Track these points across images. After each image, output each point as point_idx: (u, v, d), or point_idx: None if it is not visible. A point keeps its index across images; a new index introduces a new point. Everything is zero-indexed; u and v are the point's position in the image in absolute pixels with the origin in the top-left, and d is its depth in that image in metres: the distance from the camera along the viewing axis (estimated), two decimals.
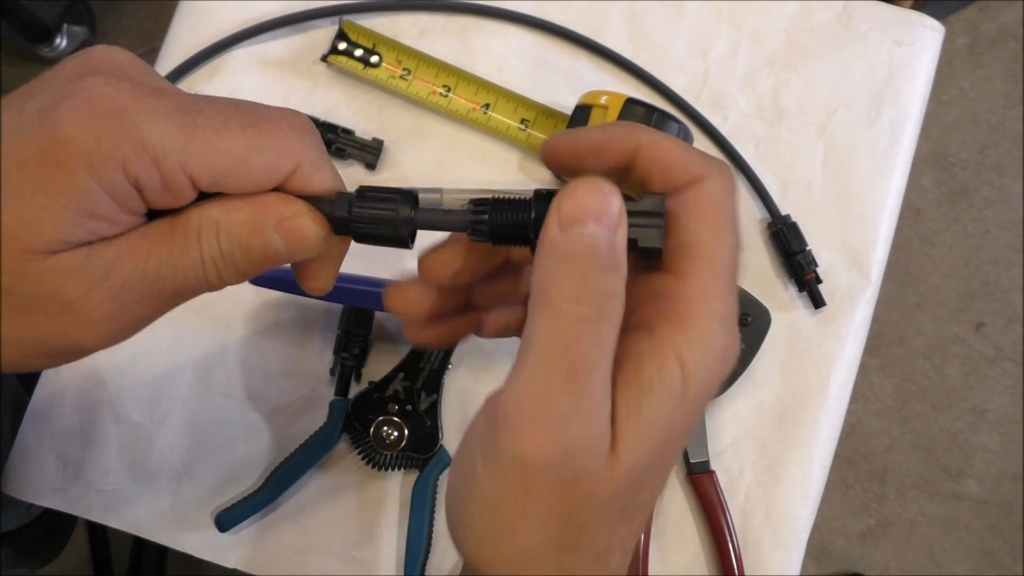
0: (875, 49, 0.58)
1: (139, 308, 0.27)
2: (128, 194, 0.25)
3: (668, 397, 0.25)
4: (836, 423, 0.55)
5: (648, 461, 0.25)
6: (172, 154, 0.25)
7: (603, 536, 0.26)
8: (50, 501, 0.52)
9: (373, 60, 0.55)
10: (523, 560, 0.26)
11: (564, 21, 0.57)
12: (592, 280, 0.24)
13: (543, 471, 0.24)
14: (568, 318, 0.24)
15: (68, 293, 0.25)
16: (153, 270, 0.26)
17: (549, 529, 0.25)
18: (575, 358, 0.24)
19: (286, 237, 0.28)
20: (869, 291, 0.55)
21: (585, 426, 0.24)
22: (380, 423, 0.51)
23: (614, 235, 0.25)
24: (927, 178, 1.45)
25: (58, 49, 1.31)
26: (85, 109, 0.24)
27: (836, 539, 1.37)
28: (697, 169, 0.27)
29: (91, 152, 0.24)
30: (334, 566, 0.52)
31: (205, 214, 0.27)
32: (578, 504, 0.25)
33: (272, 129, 0.27)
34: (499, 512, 0.26)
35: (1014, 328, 1.42)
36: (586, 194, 0.25)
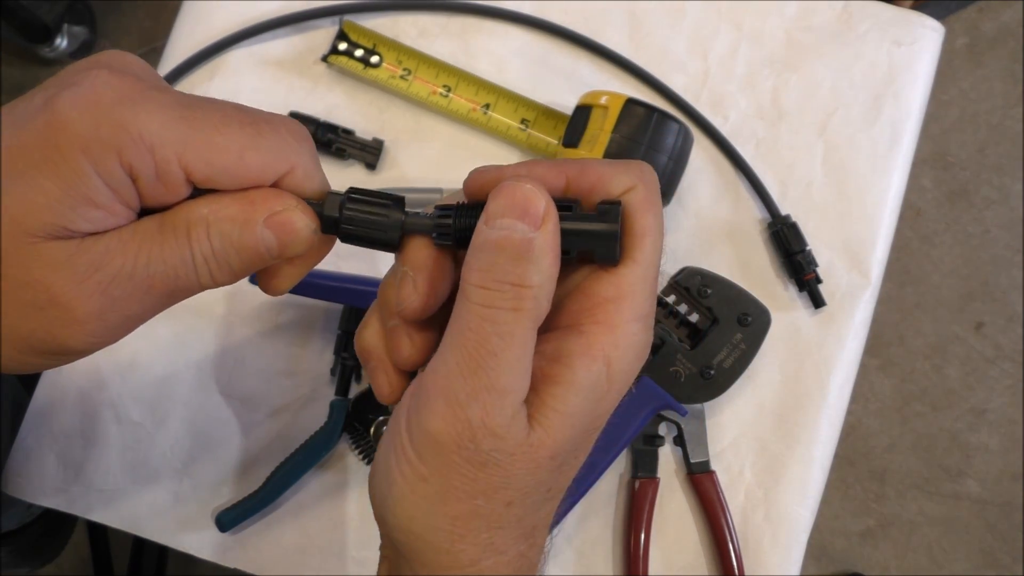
0: (875, 49, 0.58)
1: (128, 306, 0.27)
2: (123, 182, 0.26)
3: (592, 394, 0.27)
4: (836, 423, 0.55)
5: (570, 447, 0.28)
6: (169, 145, 0.25)
7: (531, 514, 0.28)
8: (50, 501, 0.52)
9: (373, 60, 0.55)
10: (453, 532, 0.27)
11: (564, 21, 0.57)
12: (499, 269, 0.26)
13: (455, 447, 0.26)
14: (472, 306, 0.26)
15: (55, 285, 0.25)
16: (142, 267, 0.26)
17: (476, 502, 0.27)
18: (475, 344, 0.26)
19: (277, 231, 0.28)
20: (869, 291, 0.55)
21: (488, 408, 0.26)
22: (380, 423, 0.51)
23: (533, 231, 0.26)
24: (927, 178, 1.45)
25: (58, 49, 1.31)
26: (87, 96, 0.25)
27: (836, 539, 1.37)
28: (627, 180, 0.28)
29: (88, 136, 0.24)
30: (334, 566, 0.52)
31: (193, 211, 0.27)
32: (502, 482, 0.27)
33: (271, 131, 0.28)
34: (427, 483, 0.27)
35: (1014, 328, 1.42)
36: (511, 192, 0.27)
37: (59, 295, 0.25)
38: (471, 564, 0.28)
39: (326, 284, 0.49)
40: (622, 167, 0.29)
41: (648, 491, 0.52)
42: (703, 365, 0.51)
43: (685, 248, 0.55)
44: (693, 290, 0.52)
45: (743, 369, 0.51)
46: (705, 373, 0.51)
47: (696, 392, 0.51)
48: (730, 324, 0.51)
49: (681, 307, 0.52)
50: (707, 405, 0.53)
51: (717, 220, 0.56)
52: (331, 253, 0.32)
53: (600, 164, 0.29)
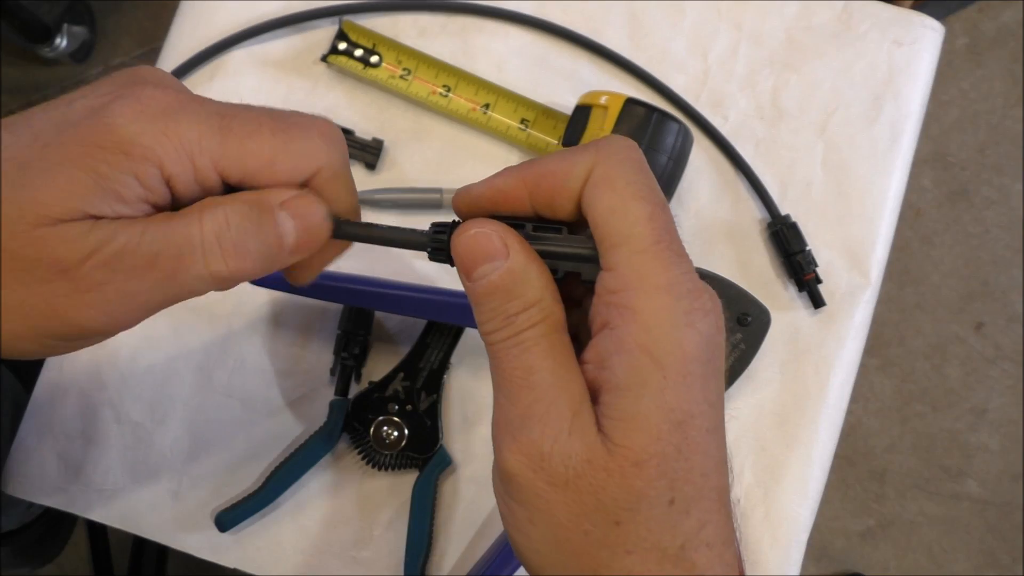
0: (875, 49, 0.58)
1: (128, 281, 0.27)
2: (157, 186, 0.27)
3: (645, 390, 0.26)
4: (836, 423, 0.55)
5: (661, 449, 0.26)
6: (207, 153, 0.28)
7: (661, 532, 0.26)
8: (50, 500, 0.52)
9: (373, 60, 0.55)
10: (583, 565, 0.27)
11: (564, 21, 0.57)
12: (500, 309, 0.28)
13: (532, 475, 0.27)
14: (494, 346, 0.28)
15: (64, 258, 0.26)
16: (147, 243, 0.27)
17: (584, 528, 0.26)
18: (509, 377, 0.27)
19: (295, 214, 0.29)
20: (869, 291, 0.56)
21: (543, 427, 0.26)
22: (380, 423, 0.51)
23: (503, 262, 0.28)
24: (927, 178, 1.45)
25: (58, 49, 1.31)
26: (135, 107, 0.27)
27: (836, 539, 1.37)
28: (581, 169, 0.28)
29: (132, 141, 0.26)
30: (334, 566, 0.52)
31: (209, 199, 0.29)
32: (593, 499, 0.26)
33: (301, 135, 0.29)
34: (535, 524, 0.27)
35: (1014, 328, 1.42)
36: (468, 244, 0.28)
37: (67, 268, 0.26)
38: None
39: (326, 284, 0.49)
40: (576, 155, 0.28)
41: None
42: None
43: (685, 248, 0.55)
44: None
45: (743, 369, 0.51)
46: None
47: None
48: (730, 324, 0.51)
49: None
50: None
51: (717, 220, 0.56)
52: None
53: (553, 160, 0.28)
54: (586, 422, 0.27)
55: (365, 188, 0.54)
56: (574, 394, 0.27)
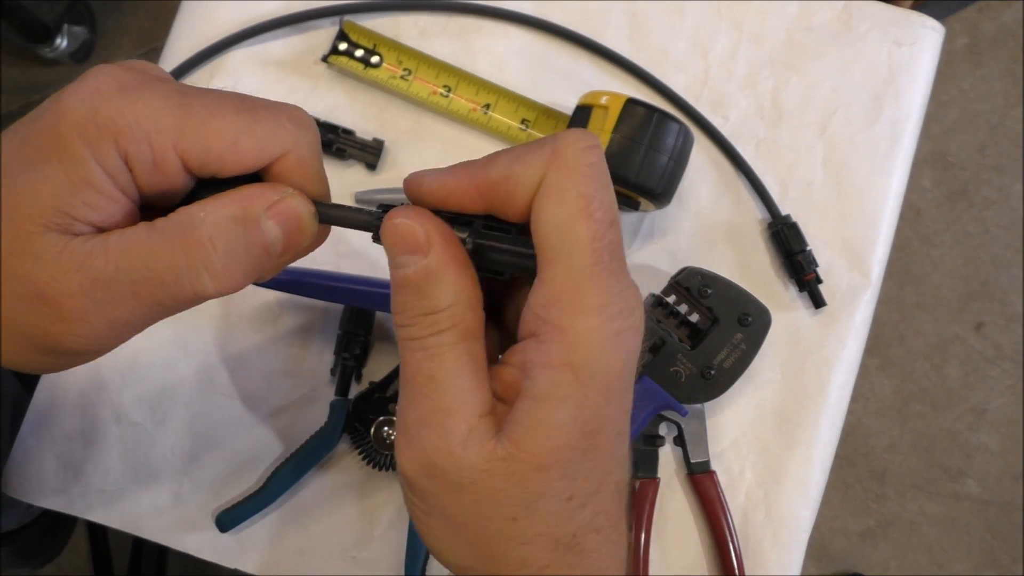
0: (875, 49, 0.58)
1: (111, 311, 0.26)
2: (119, 169, 0.26)
3: (565, 403, 0.26)
4: (836, 423, 0.55)
5: (567, 455, 0.26)
6: (164, 132, 0.26)
7: (557, 525, 0.27)
8: (50, 501, 0.52)
9: (374, 60, 0.55)
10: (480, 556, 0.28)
11: (564, 21, 0.57)
12: (410, 305, 0.27)
13: (426, 478, 0.27)
14: (403, 343, 0.27)
15: (40, 280, 0.26)
16: (124, 272, 0.26)
17: (481, 523, 0.27)
18: (413, 375, 0.27)
19: (281, 220, 0.28)
20: (869, 291, 0.55)
21: (439, 431, 0.26)
22: (381, 423, 0.51)
23: (423, 260, 0.27)
24: (927, 178, 1.45)
25: (58, 49, 1.31)
26: (89, 86, 0.26)
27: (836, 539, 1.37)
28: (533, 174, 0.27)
29: (86, 122, 0.25)
30: (334, 566, 0.52)
31: (186, 213, 0.27)
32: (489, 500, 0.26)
33: (268, 116, 0.28)
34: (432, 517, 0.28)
35: (1014, 328, 1.42)
36: (393, 232, 0.27)
37: (44, 290, 0.26)
38: None
39: (326, 284, 0.49)
40: (528, 156, 0.27)
41: (648, 491, 0.52)
42: (703, 365, 0.51)
43: (685, 248, 0.55)
44: (693, 290, 0.52)
45: (743, 369, 0.51)
46: (705, 373, 0.51)
47: (696, 392, 0.51)
48: (730, 324, 0.51)
49: (681, 307, 0.52)
50: (707, 405, 0.53)
51: (717, 220, 0.56)
52: (331, 253, 0.32)
53: (505, 164, 0.27)
54: (484, 434, 0.26)
55: (366, 188, 0.54)
56: (473, 406, 0.27)
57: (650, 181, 0.49)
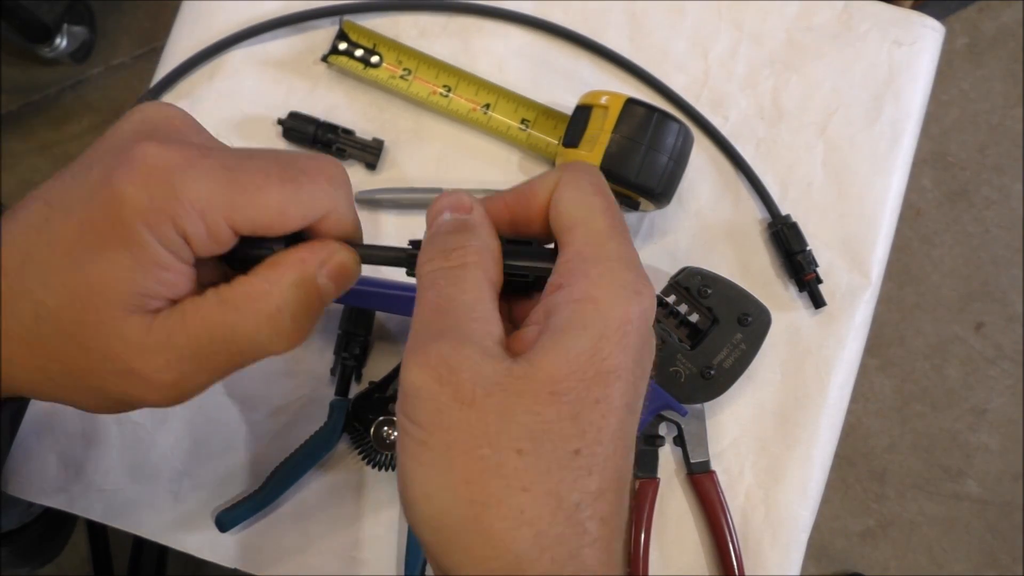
0: (875, 49, 0.58)
1: (198, 376, 0.30)
2: (178, 245, 0.28)
3: (584, 331, 0.26)
4: (836, 423, 0.55)
5: (575, 386, 0.26)
6: (216, 209, 0.28)
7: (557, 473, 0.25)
8: (51, 500, 0.52)
9: (373, 60, 0.55)
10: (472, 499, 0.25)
11: (564, 21, 0.57)
12: (439, 243, 0.30)
13: (436, 386, 0.26)
14: (426, 275, 0.29)
15: (132, 361, 0.28)
16: (205, 344, 0.29)
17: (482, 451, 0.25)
18: (432, 300, 0.28)
19: (334, 276, 0.31)
20: (869, 291, 0.55)
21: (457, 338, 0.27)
22: (381, 423, 0.51)
23: (465, 215, 0.30)
24: (927, 178, 1.45)
25: (58, 49, 1.31)
26: (140, 171, 0.28)
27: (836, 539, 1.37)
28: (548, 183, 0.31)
29: (145, 209, 0.27)
30: (334, 566, 0.52)
31: (253, 287, 0.30)
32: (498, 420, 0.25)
33: (309, 182, 0.30)
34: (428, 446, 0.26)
35: (1014, 328, 1.42)
36: (442, 198, 0.31)
37: (136, 368, 0.29)
38: (504, 545, 0.25)
39: None
40: (544, 175, 0.31)
41: (648, 491, 0.52)
42: (703, 365, 0.51)
43: (685, 248, 0.55)
44: (693, 290, 0.52)
45: (743, 369, 0.51)
46: (705, 373, 0.51)
47: (696, 392, 0.51)
48: (730, 324, 0.51)
49: (681, 307, 0.52)
50: (707, 405, 0.53)
51: (717, 220, 0.56)
52: None
53: (528, 182, 0.31)
54: (500, 354, 0.27)
55: (365, 188, 0.54)
56: (491, 331, 0.27)
57: (650, 181, 0.49)
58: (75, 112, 1.37)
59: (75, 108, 1.38)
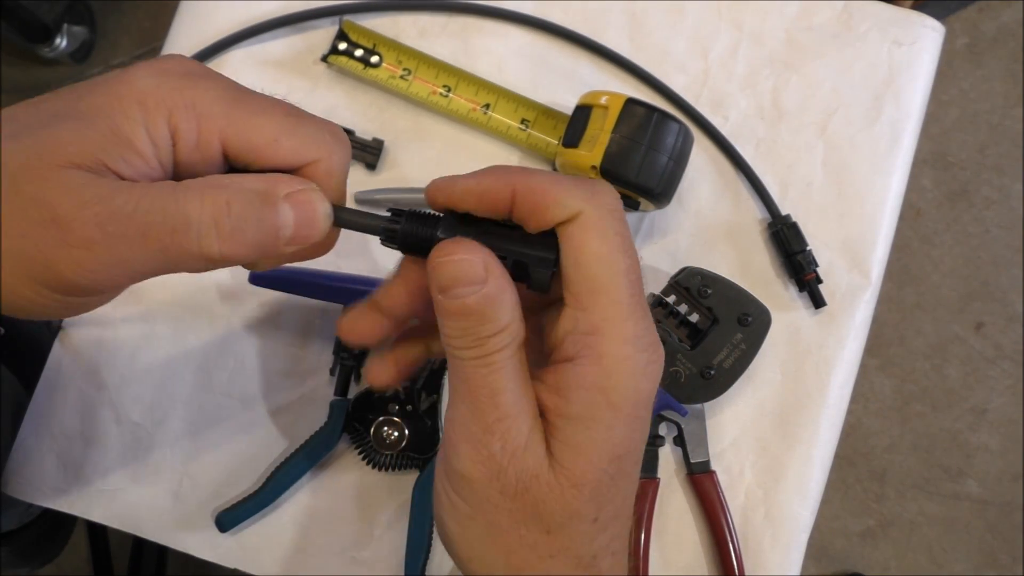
0: (875, 49, 0.58)
1: (119, 247, 0.27)
2: (164, 140, 0.28)
3: (597, 424, 0.29)
4: (836, 423, 0.55)
5: (598, 476, 0.29)
6: (214, 118, 0.29)
7: (581, 544, 0.30)
8: (50, 501, 0.52)
9: (373, 60, 0.55)
10: (509, 565, 0.30)
11: (564, 21, 0.57)
12: (472, 331, 0.29)
13: (487, 481, 0.29)
14: (463, 363, 0.29)
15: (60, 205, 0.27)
16: (142, 211, 0.27)
17: (520, 532, 0.29)
18: (476, 391, 0.29)
19: (297, 208, 0.29)
20: (869, 291, 0.55)
21: (505, 436, 0.29)
22: (380, 423, 0.51)
23: (483, 288, 0.29)
24: (927, 178, 1.45)
25: (58, 49, 1.31)
26: (158, 65, 0.29)
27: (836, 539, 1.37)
28: (573, 203, 0.29)
29: (147, 92, 0.28)
30: (334, 566, 0.52)
31: (214, 178, 0.29)
32: (535, 508, 0.29)
33: (310, 124, 0.31)
34: (475, 521, 0.30)
35: (1014, 328, 1.42)
36: (449, 266, 0.29)
37: (60, 215, 0.27)
38: None
39: (326, 284, 0.49)
40: (570, 188, 0.29)
41: (648, 491, 0.52)
42: (703, 365, 0.51)
43: (685, 248, 0.55)
44: (693, 290, 0.52)
45: (743, 369, 0.51)
46: (705, 373, 0.51)
47: (696, 392, 0.51)
48: (730, 324, 0.51)
49: (681, 307, 0.52)
50: (707, 405, 0.53)
51: (717, 220, 0.56)
52: (331, 252, 0.33)
53: (547, 180, 0.29)
54: (538, 440, 0.29)
55: (365, 188, 0.54)
56: (530, 414, 0.30)
57: (650, 181, 0.49)
58: None
59: None
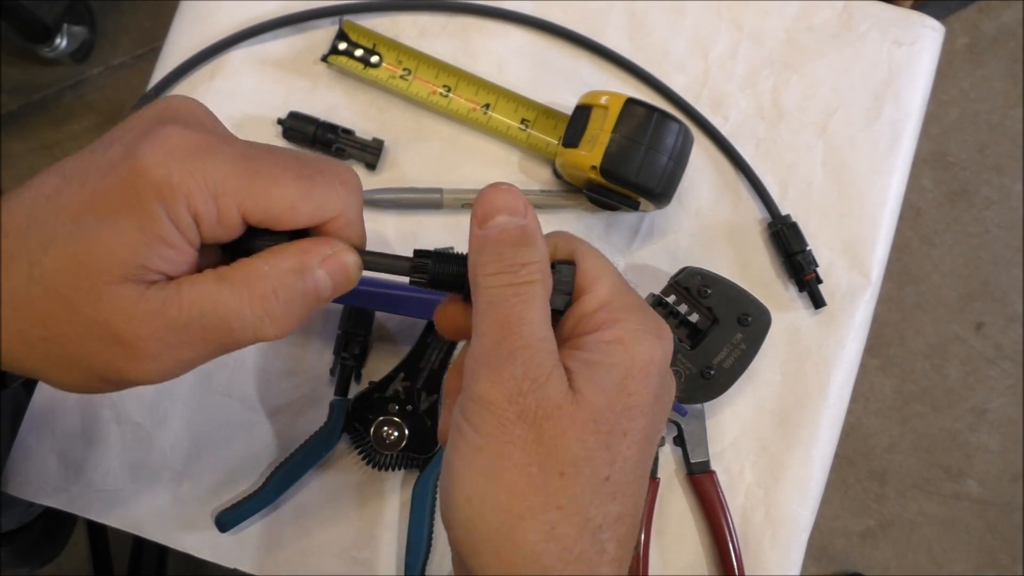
0: (875, 49, 0.58)
1: (181, 352, 0.29)
2: (188, 224, 0.29)
3: (615, 369, 0.30)
4: (836, 423, 0.55)
5: (609, 417, 0.29)
6: (230, 194, 0.29)
7: (589, 498, 0.29)
8: (51, 500, 0.52)
9: (373, 60, 0.55)
10: (511, 510, 0.28)
11: (564, 21, 0.57)
12: (507, 256, 0.30)
13: (505, 403, 0.28)
14: (492, 289, 0.30)
15: (120, 327, 0.28)
16: (196, 318, 0.29)
17: (531, 469, 0.28)
18: (504, 316, 0.30)
19: (332, 272, 0.31)
20: (869, 291, 0.55)
21: (528, 362, 0.29)
22: (380, 423, 0.51)
23: (523, 220, 0.31)
24: (927, 178, 1.45)
25: (58, 49, 1.31)
26: (162, 148, 0.28)
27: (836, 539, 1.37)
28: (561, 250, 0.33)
29: (162, 184, 0.28)
30: (334, 566, 0.52)
31: (253, 268, 0.30)
32: (551, 442, 0.28)
33: (323, 183, 0.31)
34: (482, 452, 0.29)
35: (1014, 328, 1.42)
36: (494, 194, 0.31)
37: (121, 334, 0.28)
38: (533, 556, 0.28)
39: None
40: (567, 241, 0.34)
41: (648, 491, 0.52)
42: (703, 365, 0.51)
43: (685, 248, 0.55)
44: (693, 290, 0.52)
45: (743, 369, 0.51)
46: (705, 373, 0.51)
47: (696, 392, 0.51)
48: (730, 324, 0.51)
49: (681, 307, 0.52)
50: (707, 405, 0.53)
51: (717, 220, 0.56)
52: None
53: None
54: (560, 376, 0.29)
55: (365, 188, 0.54)
56: (552, 349, 0.30)
57: (650, 181, 0.49)
58: (75, 112, 1.37)
59: (75, 108, 1.38)
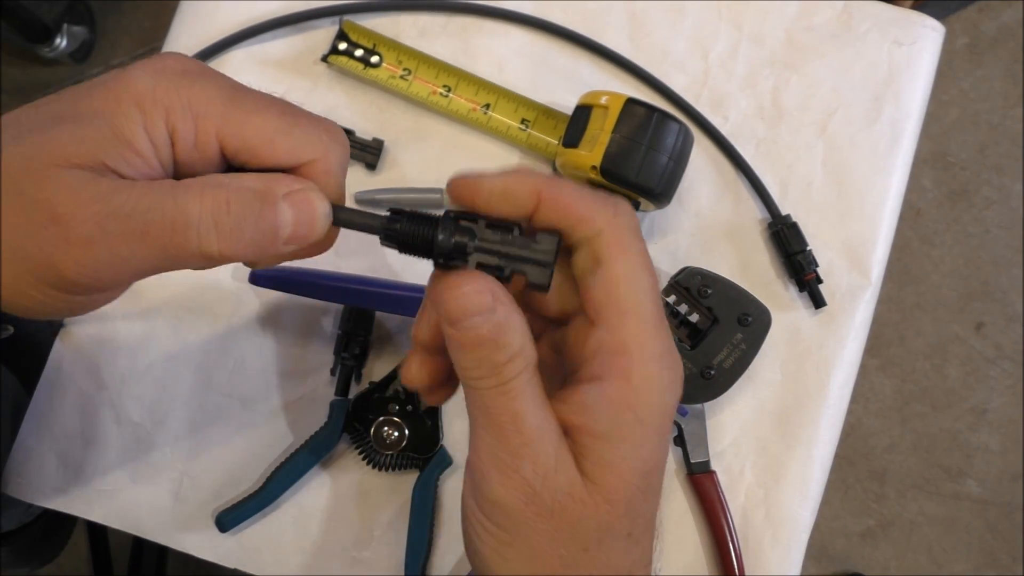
0: (875, 49, 0.58)
1: (118, 245, 0.27)
2: (163, 140, 0.29)
3: (627, 444, 0.29)
4: (836, 423, 0.55)
5: (630, 492, 0.29)
6: (211, 117, 0.29)
7: (617, 559, 0.30)
8: (50, 501, 0.52)
9: (373, 60, 0.55)
10: None
11: (564, 21, 0.57)
12: (486, 359, 0.29)
13: (523, 505, 0.29)
14: (480, 392, 0.29)
15: (59, 203, 0.27)
16: (141, 211, 0.27)
17: (560, 553, 0.29)
18: (498, 417, 0.29)
19: (296, 208, 0.29)
20: (869, 291, 0.55)
21: (534, 458, 0.29)
22: (380, 423, 0.51)
23: (493, 316, 0.29)
24: (927, 178, 1.45)
25: (58, 49, 1.31)
26: (154, 65, 0.29)
27: (836, 539, 1.37)
28: (597, 220, 0.30)
29: (144, 93, 0.28)
30: (334, 566, 0.52)
31: (214, 177, 0.29)
32: (571, 527, 0.29)
33: (307, 123, 0.31)
34: (513, 547, 0.30)
35: (1014, 328, 1.42)
36: (458, 298, 0.29)
37: (60, 213, 0.27)
38: None
39: (326, 284, 0.49)
40: (595, 205, 0.30)
41: None
42: (703, 365, 0.51)
43: (685, 248, 0.55)
44: (693, 290, 0.52)
45: (743, 369, 0.51)
46: (705, 373, 0.51)
47: (696, 392, 0.51)
48: (730, 324, 0.51)
49: (681, 307, 0.52)
50: (707, 405, 0.53)
51: (717, 220, 0.56)
52: (331, 252, 0.33)
53: (574, 194, 0.30)
54: (567, 459, 0.29)
55: (365, 188, 0.54)
56: (554, 433, 0.29)
57: (650, 181, 0.49)
58: None
59: None
